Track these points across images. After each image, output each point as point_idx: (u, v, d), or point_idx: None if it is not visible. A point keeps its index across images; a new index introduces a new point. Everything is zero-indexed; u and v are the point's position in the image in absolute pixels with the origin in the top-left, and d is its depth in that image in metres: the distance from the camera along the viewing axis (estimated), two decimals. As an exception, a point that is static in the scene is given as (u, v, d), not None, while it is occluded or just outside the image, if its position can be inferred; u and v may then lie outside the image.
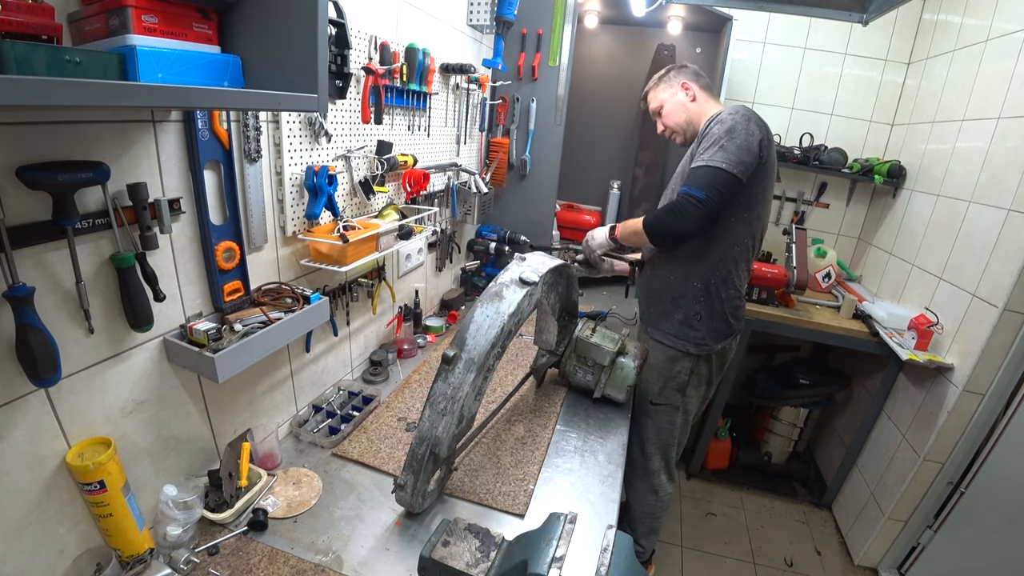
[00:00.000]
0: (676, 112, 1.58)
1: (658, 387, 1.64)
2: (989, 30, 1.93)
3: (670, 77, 1.61)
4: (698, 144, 1.44)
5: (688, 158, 1.51)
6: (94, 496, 0.82)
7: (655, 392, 1.65)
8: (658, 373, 1.63)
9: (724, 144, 1.35)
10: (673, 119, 1.60)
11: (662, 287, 1.61)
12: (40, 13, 0.60)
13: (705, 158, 1.36)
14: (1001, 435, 1.74)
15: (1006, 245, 1.69)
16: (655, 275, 1.66)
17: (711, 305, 1.54)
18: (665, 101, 1.60)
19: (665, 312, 1.60)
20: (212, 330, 0.94)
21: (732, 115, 1.39)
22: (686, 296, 1.55)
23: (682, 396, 1.64)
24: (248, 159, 1.04)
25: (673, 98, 1.58)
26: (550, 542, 0.83)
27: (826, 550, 2.29)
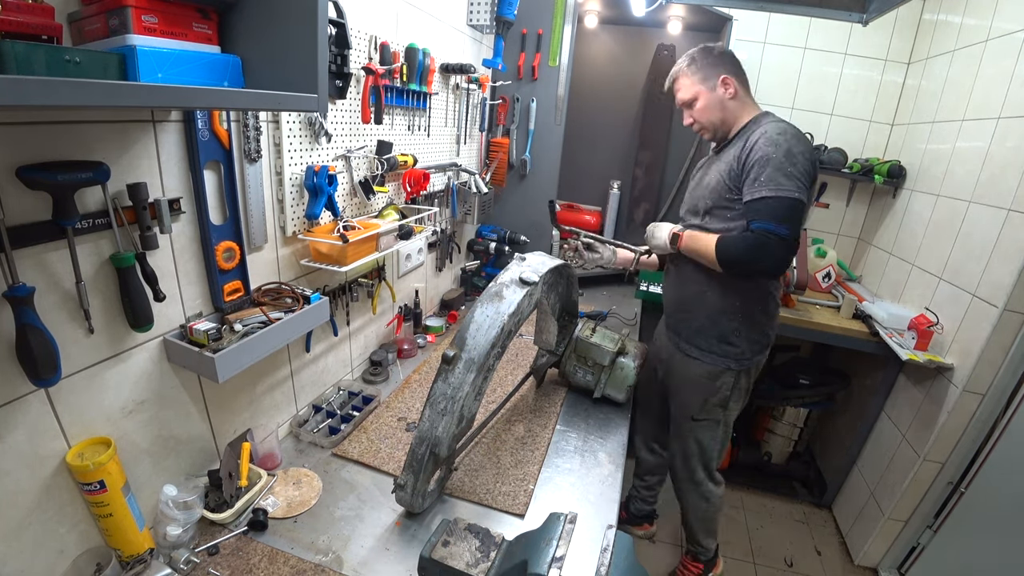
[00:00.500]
0: (712, 109, 1.43)
1: (699, 403, 1.57)
2: (989, 30, 1.93)
3: (708, 65, 1.43)
4: (744, 161, 1.32)
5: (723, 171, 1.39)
6: (94, 496, 0.82)
7: (696, 408, 1.58)
8: (698, 390, 1.56)
9: (788, 171, 1.25)
10: (708, 116, 1.44)
11: (696, 302, 1.51)
12: (40, 13, 0.60)
13: (773, 187, 1.25)
14: (1001, 435, 1.74)
15: (1006, 245, 1.69)
16: (685, 286, 1.55)
17: (750, 320, 1.48)
18: (701, 94, 1.43)
19: (701, 328, 1.52)
20: (212, 330, 0.94)
21: (781, 135, 1.29)
22: (724, 313, 1.47)
23: (724, 410, 1.58)
24: (248, 159, 1.04)
25: (712, 92, 1.42)
26: (550, 542, 0.83)
27: (826, 550, 2.28)
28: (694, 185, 1.58)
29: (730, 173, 1.37)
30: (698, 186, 1.54)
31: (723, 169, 1.40)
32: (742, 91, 1.44)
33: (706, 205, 1.45)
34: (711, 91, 1.43)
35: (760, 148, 1.29)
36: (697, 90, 1.44)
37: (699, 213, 1.48)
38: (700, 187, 1.51)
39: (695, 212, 1.51)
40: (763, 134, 1.31)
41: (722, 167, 1.41)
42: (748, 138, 1.35)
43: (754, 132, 1.35)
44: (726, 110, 1.44)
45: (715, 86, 1.42)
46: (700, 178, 1.55)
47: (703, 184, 1.50)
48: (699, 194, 1.50)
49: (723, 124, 1.46)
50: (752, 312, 1.48)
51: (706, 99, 1.43)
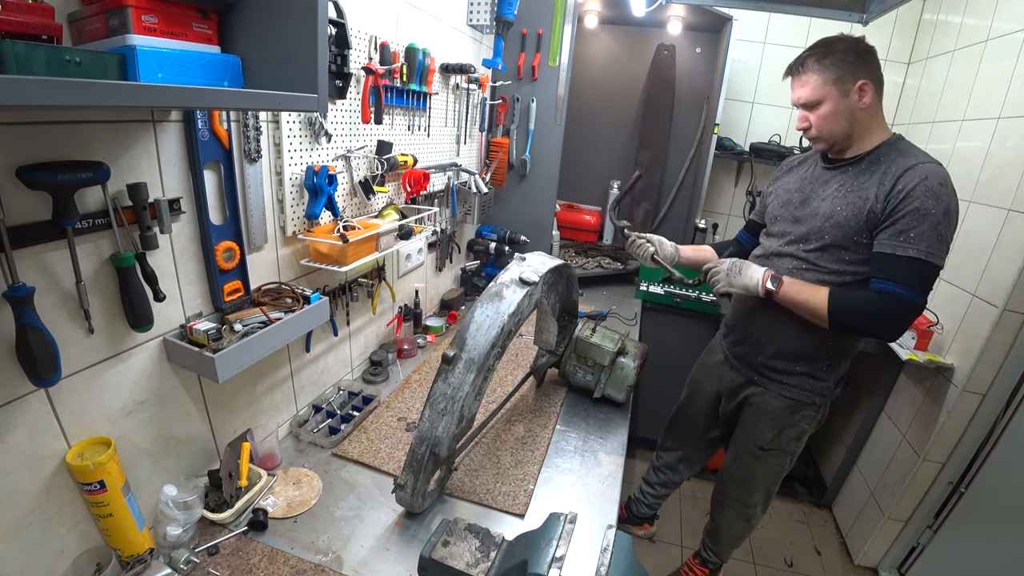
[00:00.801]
0: (839, 117, 1.20)
1: (771, 435, 1.47)
2: (989, 30, 1.93)
3: (848, 63, 1.17)
4: (892, 208, 1.13)
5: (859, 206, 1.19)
6: (94, 496, 0.82)
7: (767, 439, 1.48)
8: (773, 421, 1.45)
9: (943, 232, 1.11)
10: (832, 125, 1.21)
11: (785, 333, 1.36)
12: (40, 13, 0.60)
13: (924, 249, 1.10)
14: (1001, 435, 1.74)
15: (1006, 245, 1.69)
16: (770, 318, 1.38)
17: (840, 355, 1.36)
18: (829, 96, 1.19)
19: (787, 360, 1.40)
20: (212, 330, 0.94)
21: (943, 187, 1.11)
22: (817, 350, 1.35)
23: (798, 442, 1.48)
24: (248, 159, 1.04)
25: (843, 98, 1.19)
26: (550, 542, 0.83)
27: (826, 550, 2.28)
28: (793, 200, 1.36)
29: (868, 213, 1.17)
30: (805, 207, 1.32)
31: (857, 204, 1.19)
32: (877, 102, 1.21)
33: (823, 240, 1.26)
34: (843, 96, 1.19)
35: (918, 197, 1.11)
36: (826, 91, 1.19)
37: (811, 242, 1.29)
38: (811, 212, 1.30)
39: (802, 240, 1.31)
40: (923, 180, 1.12)
41: (853, 199, 1.20)
42: (900, 177, 1.14)
43: (907, 172, 1.14)
44: (855, 122, 1.21)
45: (849, 91, 1.18)
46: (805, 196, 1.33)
47: (817, 210, 1.28)
48: (811, 220, 1.29)
49: (846, 138, 1.24)
50: (846, 346, 1.36)
51: (835, 104, 1.19)
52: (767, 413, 1.46)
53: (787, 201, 1.38)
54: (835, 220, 1.23)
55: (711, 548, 1.85)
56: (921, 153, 1.20)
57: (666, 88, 2.80)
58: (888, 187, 1.15)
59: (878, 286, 1.14)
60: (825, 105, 1.20)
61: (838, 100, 1.19)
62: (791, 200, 1.37)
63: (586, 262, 2.73)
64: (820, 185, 1.31)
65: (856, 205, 1.20)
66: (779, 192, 1.44)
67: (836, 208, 1.24)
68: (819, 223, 1.27)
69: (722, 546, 1.80)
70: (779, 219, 1.40)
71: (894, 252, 1.13)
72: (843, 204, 1.23)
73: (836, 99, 1.19)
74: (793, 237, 1.34)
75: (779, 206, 1.41)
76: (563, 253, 2.78)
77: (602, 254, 2.85)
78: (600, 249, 2.92)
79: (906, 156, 1.18)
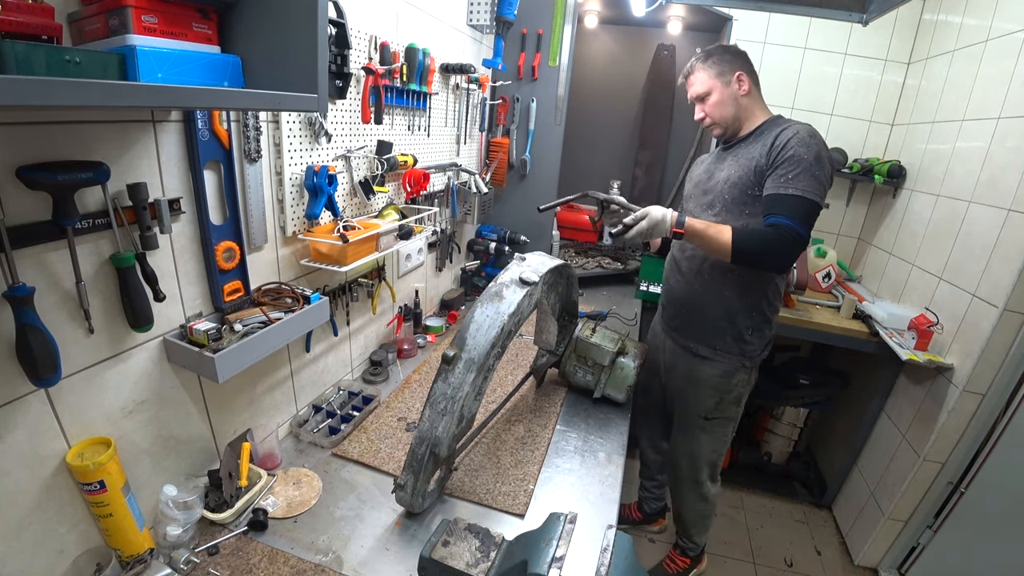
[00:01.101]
0: (726, 104, 1.44)
1: (713, 403, 1.59)
2: (989, 30, 1.93)
3: (725, 61, 1.44)
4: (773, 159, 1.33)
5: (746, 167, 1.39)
6: (94, 496, 0.82)
7: (709, 408, 1.59)
8: (712, 389, 1.57)
9: (816, 174, 1.28)
10: (721, 111, 1.45)
11: (711, 302, 1.51)
12: (40, 13, 0.60)
13: (801, 188, 1.27)
14: (1001, 435, 1.74)
15: (1006, 245, 1.69)
16: (698, 285, 1.54)
17: (763, 316, 1.50)
18: (715, 88, 1.44)
19: (716, 328, 1.52)
20: (212, 330, 0.94)
21: (813, 138, 1.31)
22: (742, 312, 1.49)
23: (737, 407, 1.61)
24: (248, 159, 1.04)
25: (726, 88, 1.43)
26: (550, 542, 0.83)
27: (826, 550, 2.28)
28: (702, 180, 1.56)
29: (755, 169, 1.37)
30: (710, 181, 1.52)
31: (745, 165, 1.40)
32: (755, 90, 1.46)
33: (724, 200, 1.44)
34: (726, 86, 1.43)
35: (792, 147, 1.30)
36: (712, 84, 1.44)
37: (715, 206, 1.47)
38: (714, 183, 1.49)
39: (709, 206, 1.49)
40: (795, 134, 1.32)
41: (743, 162, 1.41)
42: (776, 135, 1.34)
43: (783, 131, 1.35)
44: (739, 107, 1.45)
45: (730, 82, 1.43)
46: (710, 174, 1.53)
47: (717, 179, 1.48)
48: (714, 189, 1.48)
49: (735, 121, 1.46)
50: (765, 309, 1.50)
51: (720, 94, 1.44)
52: (706, 381, 1.57)
53: (698, 182, 1.59)
54: (731, 181, 1.43)
55: (683, 535, 1.91)
56: (797, 122, 1.39)
57: (666, 88, 2.80)
58: (768, 145, 1.36)
59: (770, 220, 1.29)
60: (713, 95, 1.44)
61: (723, 90, 1.44)
62: (701, 180, 1.58)
63: (586, 262, 2.73)
64: (720, 162, 1.52)
65: (746, 166, 1.40)
66: (692, 179, 1.66)
67: (731, 172, 1.44)
68: (719, 188, 1.47)
69: (690, 530, 1.87)
70: (692, 197, 1.60)
71: (778, 191, 1.30)
72: (735, 168, 1.43)
73: (721, 89, 1.44)
74: (704, 206, 1.52)
75: (692, 187, 1.62)
76: (563, 253, 2.78)
77: (602, 254, 2.85)
78: (600, 249, 2.92)
79: (781, 125, 1.39)
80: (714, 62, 1.44)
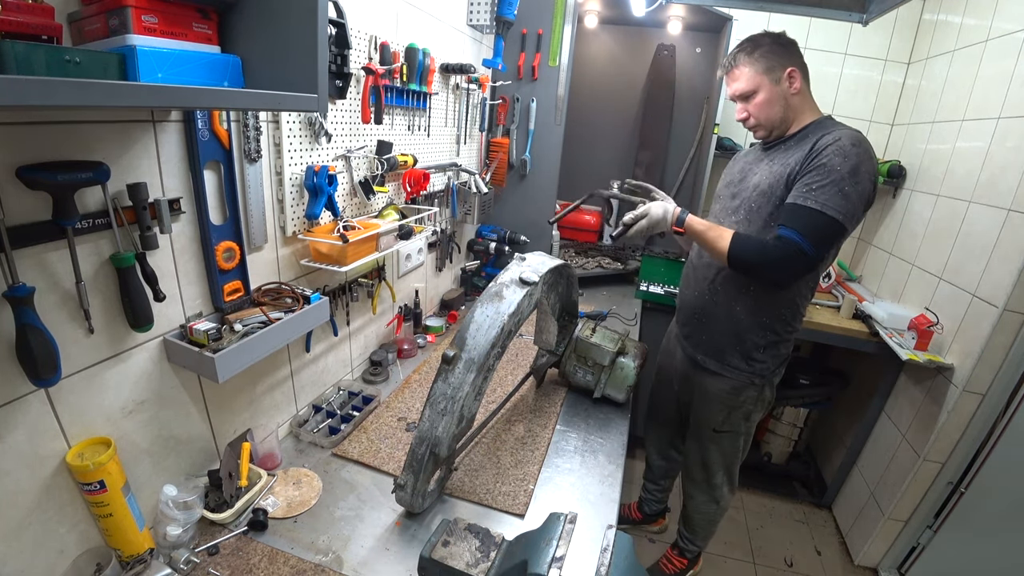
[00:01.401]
0: (774, 103, 1.29)
1: (722, 416, 1.54)
2: (989, 30, 1.93)
3: (775, 54, 1.28)
4: (805, 165, 1.21)
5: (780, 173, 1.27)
6: (94, 496, 0.82)
7: (718, 421, 1.55)
8: (721, 403, 1.52)
9: (846, 190, 1.15)
10: (767, 112, 1.30)
11: (721, 316, 1.44)
12: (40, 13, 0.60)
13: (822, 201, 1.15)
14: (1001, 435, 1.74)
15: (1006, 245, 1.69)
16: (710, 297, 1.46)
17: (777, 335, 1.42)
18: (762, 86, 1.29)
19: (723, 343, 1.46)
20: (212, 330, 0.94)
21: (856, 147, 1.18)
22: (752, 330, 1.41)
23: (746, 422, 1.55)
24: (248, 159, 1.04)
25: (775, 86, 1.28)
26: (550, 542, 0.83)
27: (826, 550, 2.28)
28: (733, 180, 1.46)
29: (788, 177, 1.25)
30: (741, 183, 1.41)
31: (780, 172, 1.28)
32: (806, 88, 1.32)
33: (750, 207, 1.34)
34: (775, 84, 1.28)
35: (828, 155, 1.18)
36: (759, 81, 1.29)
37: (739, 213, 1.37)
38: (744, 186, 1.39)
39: (734, 211, 1.40)
40: (836, 140, 1.20)
41: (777, 169, 1.29)
42: (817, 141, 1.23)
43: (825, 136, 1.22)
44: (788, 107, 1.30)
45: (780, 78, 1.28)
46: (744, 175, 1.42)
47: (749, 183, 1.37)
48: (743, 193, 1.37)
49: (782, 123, 1.32)
50: (779, 328, 1.41)
51: (768, 92, 1.29)
52: (714, 395, 1.52)
53: (730, 182, 1.48)
54: (760, 189, 1.32)
55: (687, 536, 1.89)
56: (844, 126, 1.26)
57: (666, 88, 2.80)
58: (806, 151, 1.23)
59: (779, 232, 1.21)
60: (760, 94, 1.30)
61: (771, 88, 1.29)
62: (733, 180, 1.47)
63: (586, 262, 2.73)
64: (756, 164, 1.40)
65: (779, 173, 1.28)
66: (725, 177, 1.55)
67: (763, 179, 1.33)
68: (748, 193, 1.36)
69: (696, 531, 1.84)
70: (721, 196, 1.50)
71: (795, 202, 1.20)
72: (769, 174, 1.32)
73: (769, 87, 1.29)
74: (730, 211, 1.42)
75: (723, 186, 1.52)
76: (563, 253, 2.78)
77: (602, 254, 2.85)
78: (600, 249, 2.92)
79: (828, 128, 1.26)
80: (763, 54, 1.28)
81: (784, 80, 1.29)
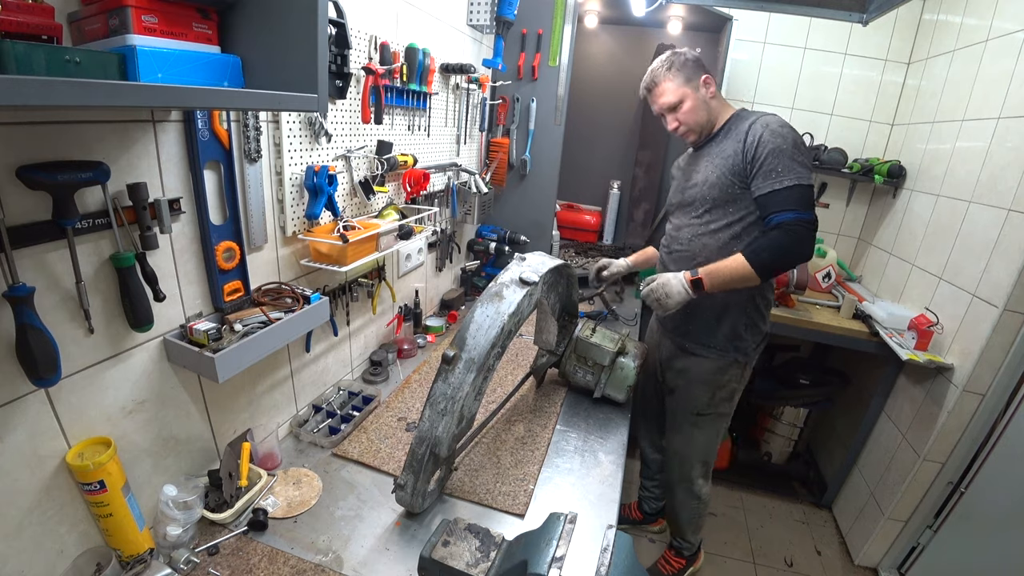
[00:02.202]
0: (699, 110, 1.45)
1: (706, 399, 1.60)
2: (989, 30, 1.93)
3: (688, 67, 1.45)
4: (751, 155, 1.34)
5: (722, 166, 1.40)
6: (94, 496, 0.82)
7: (703, 404, 1.61)
8: (706, 385, 1.59)
9: (800, 159, 1.31)
10: (695, 117, 1.46)
11: (704, 303, 1.49)
12: (40, 13, 0.60)
13: (792, 176, 1.30)
14: (1001, 435, 1.74)
15: (1006, 245, 1.69)
16: None
17: (757, 312, 1.52)
18: (687, 96, 1.45)
19: (709, 326, 1.54)
20: (212, 330, 0.94)
21: (784, 127, 1.34)
22: (734, 309, 1.50)
23: (729, 403, 1.63)
24: (248, 159, 1.04)
25: (696, 93, 1.45)
26: (550, 542, 0.83)
27: (826, 550, 2.28)
28: (680, 184, 1.58)
29: (732, 168, 1.38)
30: (687, 183, 1.53)
31: (721, 165, 1.41)
32: (718, 90, 1.51)
33: (706, 203, 1.46)
34: (696, 91, 1.45)
35: (768, 140, 1.32)
36: (683, 92, 1.45)
37: (697, 208, 1.49)
38: (691, 184, 1.51)
39: (691, 208, 1.51)
40: (765, 127, 1.34)
41: (718, 162, 1.42)
42: (746, 132, 1.36)
43: (752, 124, 1.36)
44: (710, 110, 1.47)
45: (699, 86, 1.45)
46: (687, 176, 1.55)
47: (695, 181, 1.50)
48: (695, 192, 1.49)
49: (707, 123, 1.48)
50: (759, 304, 1.52)
51: (693, 100, 1.45)
52: (699, 377, 1.59)
53: (676, 187, 1.62)
54: (710, 182, 1.44)
55: (678, 535, 1.92)
56: (757, 113, 1.42)
57: (666, 88, 2.79)
58: (742, 142, 1.37)
59: (775, 219, 1.31)
60: (686, 102, 1.45)
61: (694, 95, 1.45)
62: (679, 185, 1.60)
63: (586, 262, 2.73)
64: (695, 164, 1.54)
65: (721, 165, 1.41)
66: (672, 185, 1.68)
67: (708, 173, 1.45)
68: (699, 190, 1.48)
69: (684, 529, 1.87)
70: (673, 202, 1.63)
71: (772, 188, 1.31)
72: (711, 168, 1.44)
73: (692, 95, 1.45)
74: (685, 208, 1.55)
75: (672, 193, 1.65)
76: (563, 253, 2.78)
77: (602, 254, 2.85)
78: (600, 249, 2.92)
79: (746, 118, 1.41)
80: (678, 69, 1.45)
81: (702, 87, 1.45)
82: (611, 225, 3.06)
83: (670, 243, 1.60)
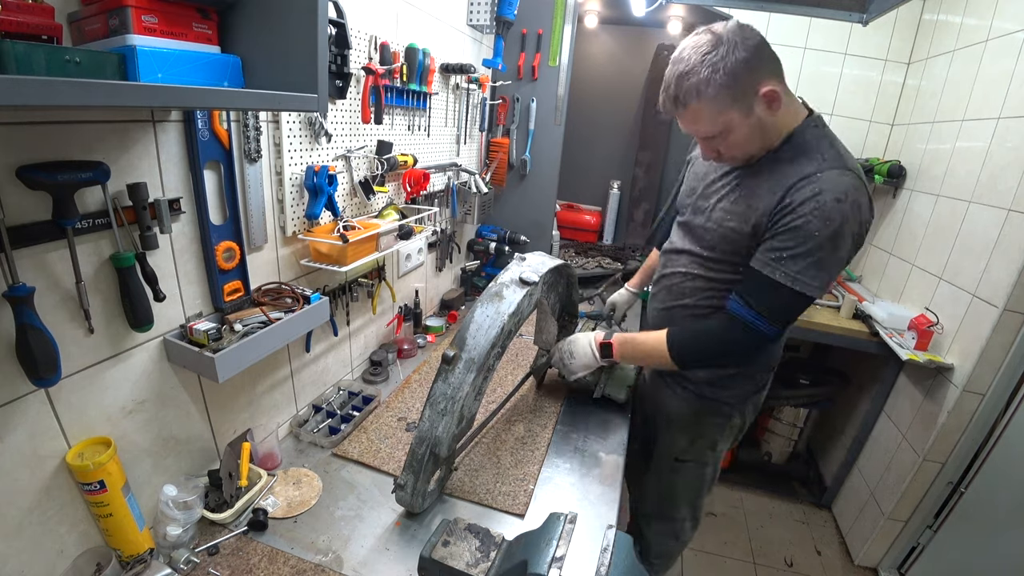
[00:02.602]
0: (751, 139, 1.01)
1: (685, 443, 1.39)
2: (989, 30, 1.93)
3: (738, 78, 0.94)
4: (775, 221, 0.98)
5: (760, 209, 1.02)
6: (94, 496, 0.82)
7: (680, 449, 1.40)
8: (683, 429, 1.37)
9: (825, 260, 0.94)
10: (746, 148, 1.03)
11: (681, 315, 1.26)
12: (40, 13, 0.60)
13: (793, 274, 0.95)
14: (1001, 435, 1.74)
15: (1006, 245, 1.69)
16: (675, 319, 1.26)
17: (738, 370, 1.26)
18: (734, 124, 0.98)
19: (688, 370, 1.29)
20: (212, 330, 0.94)
21: (841, 203, 0.93)
22: None
23: (712, 452, 1.40)
24: (248, 159, 1.04)
25: (747, 118, 0.98)
26: (550, 542, 0.83)
27: (826, 550, 2.28)
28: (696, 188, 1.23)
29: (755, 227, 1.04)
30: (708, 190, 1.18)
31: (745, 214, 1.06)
32: (787, 95, 1.00)
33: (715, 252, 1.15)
34: (747, 115, 0.98)
35: (804, 215, 0.95)
36: (728, 119, 0.98)
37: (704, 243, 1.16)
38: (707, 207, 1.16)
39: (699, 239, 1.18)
40: (815, 195, 0.94)
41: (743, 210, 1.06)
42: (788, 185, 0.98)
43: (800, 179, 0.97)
44: (768, 131, 1.02)
45: (753, 105, 0.97)
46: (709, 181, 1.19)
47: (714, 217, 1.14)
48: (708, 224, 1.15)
49: (763, 149, 1.06)
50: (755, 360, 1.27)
51: (744, 128, 0.99)
52: (677, 420, 1.40)
53: (692, 189, 1.24)
54: (722, 232, 1.11)
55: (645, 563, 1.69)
56: (829, 151, 1.00)
57: (666, 88, 2.79)
58: (777, 199, 0.99)
59: (733, 306, 1.04)
60: (737, 133, 1.00)
61: (743, 121, 0.98)
62: (695, 188, 1.22)
63: (586, 262, 2.73)
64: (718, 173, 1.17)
65: (743, 215, 1.06)
66: (689, 176, 1.29)
67: (726, 217, 1.10)
68: (713, 228, 1.14)
69: (652, 561, 1.64)
70: (683, 207, 1.28)
71: (761, 270, 1.00)
72: (732, 212, 1.09)
73: (741, 120, 0.98)
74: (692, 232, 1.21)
75: (686, 194, 1.27)
76: (563, 253, 2.78)
77: (602, 254, 2.85)
78: (600, 249, 2.92)
79: (809, 157, 0.99)
80: (722, 86, 0.94)
81: (759, 104, 0.97)
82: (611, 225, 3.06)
83: (666, 263, 1.31)
